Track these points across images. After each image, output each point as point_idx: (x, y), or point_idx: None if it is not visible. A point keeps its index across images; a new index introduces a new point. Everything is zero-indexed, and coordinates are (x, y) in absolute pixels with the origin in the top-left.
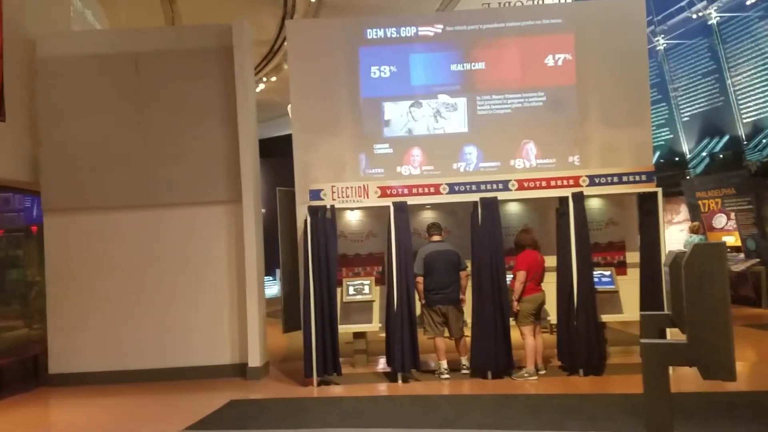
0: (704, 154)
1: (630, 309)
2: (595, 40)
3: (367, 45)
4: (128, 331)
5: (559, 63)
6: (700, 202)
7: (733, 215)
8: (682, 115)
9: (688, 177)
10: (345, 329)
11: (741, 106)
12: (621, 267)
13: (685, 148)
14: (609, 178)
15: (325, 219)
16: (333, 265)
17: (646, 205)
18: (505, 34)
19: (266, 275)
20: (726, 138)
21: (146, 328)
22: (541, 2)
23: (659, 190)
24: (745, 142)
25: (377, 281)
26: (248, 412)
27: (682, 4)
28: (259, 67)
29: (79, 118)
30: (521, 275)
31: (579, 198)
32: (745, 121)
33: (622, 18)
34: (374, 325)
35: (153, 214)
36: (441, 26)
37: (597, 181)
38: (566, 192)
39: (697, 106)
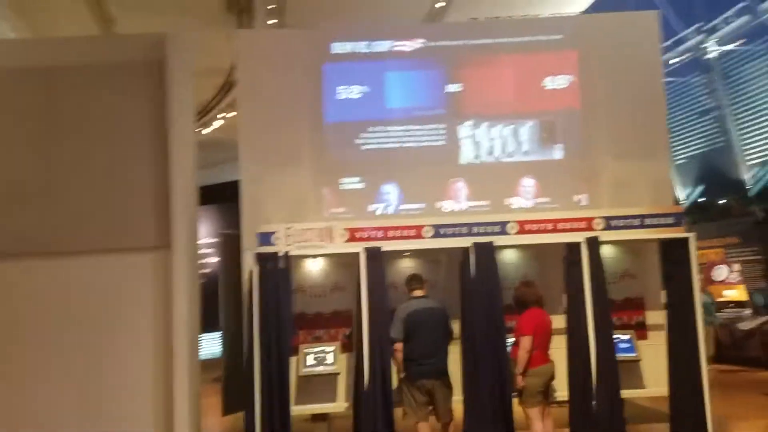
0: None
1: (654, 382)
2: (602, 58)
3: (333, 61)
4: (31, 403)
5: (561, 85)
6: (699, 252)
7: (736, 267)
8: (676, 159)
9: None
10: (301, 410)
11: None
12: (640, 329)
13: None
14: (629, 221)
15: (276, 270)
16: (286, 328)
17: (674, 254)
18: (497, 51)
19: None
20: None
21: (52, 400)
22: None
23: (692, 235)
24: (748, 187)
25: (344, 347)
26: None
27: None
28: (214, 101)
29: None
30: (526, 341)
31: (594, 244)
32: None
33: (633, 34)
34: (339, 405)
35: (63, 262)
36: (422, 41)
37: (614, 224)
38: (578, 237)
39: (693, 148)
